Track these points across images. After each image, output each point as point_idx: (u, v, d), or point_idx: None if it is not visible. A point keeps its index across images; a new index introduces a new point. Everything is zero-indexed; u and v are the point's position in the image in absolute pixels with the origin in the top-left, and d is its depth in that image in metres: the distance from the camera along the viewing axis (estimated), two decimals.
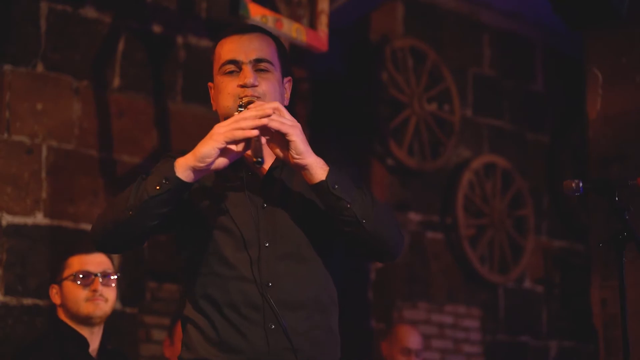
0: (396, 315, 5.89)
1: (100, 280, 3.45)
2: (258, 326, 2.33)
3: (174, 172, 2.25)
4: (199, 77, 5.15)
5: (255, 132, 2.25)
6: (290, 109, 5.89)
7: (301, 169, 2.33)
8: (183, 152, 2.40)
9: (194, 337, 2.38)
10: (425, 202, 6.21)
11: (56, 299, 3.51)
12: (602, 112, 4.46)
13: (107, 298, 3.47)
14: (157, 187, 2.24)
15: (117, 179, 4.77)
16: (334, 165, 2.35)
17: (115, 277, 3.53)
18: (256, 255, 2.36)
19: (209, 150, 2.25)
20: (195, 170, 2.26)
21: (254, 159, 2.26)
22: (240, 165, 2.43)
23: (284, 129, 2.28)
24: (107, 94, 4.79)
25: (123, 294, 4.55)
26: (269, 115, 2.26)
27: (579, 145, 6.03)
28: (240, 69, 2.43)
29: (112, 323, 3.79)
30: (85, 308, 3.44)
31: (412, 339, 5.02)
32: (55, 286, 3.52)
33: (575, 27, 4.61)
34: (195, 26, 5.16)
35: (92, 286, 3.44)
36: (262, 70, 2.44)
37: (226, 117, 2.40)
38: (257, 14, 4.38)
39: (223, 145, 2.25)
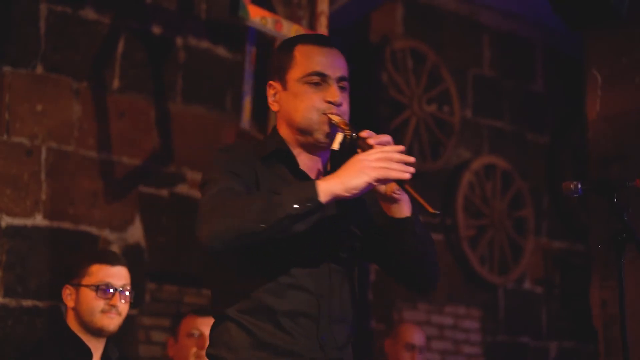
0: (396, 316, 5.89)
1: (120, 295, 3.44)
2: (312, 336, 2.38)
3: (317, 195, 2.24)
4: (199, 78, 5.15)
5: (409, 176, 2.28)
6: None
7: (393, 202, 2.39)
8: (240, 145, 2.51)
9: (239, 339, 2.38)
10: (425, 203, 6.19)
11: (69, 301, 3.47)
12: (601, 113, 4.46)
13: (121, 312, 3.45)
14: (297, 206, 2.23)
15: (117, 180, 4.77)
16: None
17: (132, 291, 3.50)
18: (316, 265, 2.41)
19: (361, 184, 2.26)
20: (337, 197, 2.26)
21: (433, 212, 2.31)
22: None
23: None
24: (107, 95, 4.79)
25: None
26: (411, 162, 2.31)
27: (579, 146, 6.03)
28: (326, 83, 2.44)
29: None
30: (100, 320, 3.41)
31: (416, 335, 5.06)
32: (70, 288, 3.47)
33: (575, 28, 4.61)
34: (195, 27, 5.16)
35: (111, 301, 3.41)
36: (342, 88, 2.48)
37: (301, 128, 2.44)
38: (256, 15, 4.39)
39: (374, 182, 2.27)
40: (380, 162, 2.27)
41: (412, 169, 2.30)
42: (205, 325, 4.15)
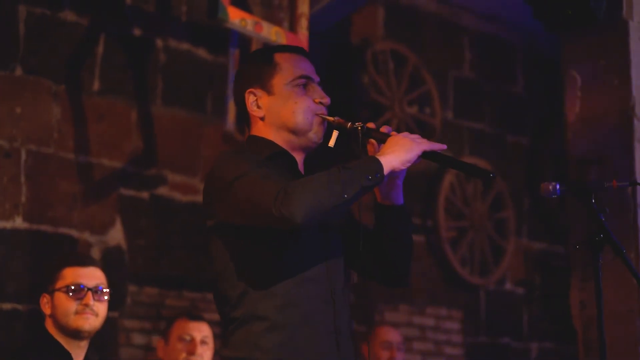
0: (378, 317, 5.89)
1: (93, 294, 3.42)
2: (331, 331, 2.49)
3: (383, 169, 2.41)
4: (179, 80, 5.14)
5: (445, 147, 2.50)
6: None
7: (395, 188, 2.61)
8: (243, 148, 2.56)
9: (272, 338, 2.42)
10: (406, 205, 6.20)
11: (46, 309, 3.45)
12: (580, 115, 4.48)
13: (98, 313, 3.42)
14: (370, 178, 2.39)
15: (97, 182, 4.75)
16: None
17: (108, 291, 3.47)
18: (324, 257, 2.53)
19: (413, 157, 2.45)
20: (394, 170, 2.45)
21: (491, 175, 2.48)
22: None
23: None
24: (86, 98, 4.77)
25: None
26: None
27: (559, 148, 6.06)
28: (311, 86, 2.60)
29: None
30: (75, 321, 3.39)
31: (392, 333, 5.11)
32: (47, 296, 3.45)
33: (555, 30, 4.63)
34: (175, 29, 5.16)
35: (84, 300, 3.38)
36: None
37: (297, 129, 2.56)
38: (236, 17, 4.39)
39: (420, 154, 2.46)
40: (420, 139, 2.48)
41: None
42: (196, 330, 4.15)
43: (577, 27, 4.48)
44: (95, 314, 3.40)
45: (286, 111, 2.56)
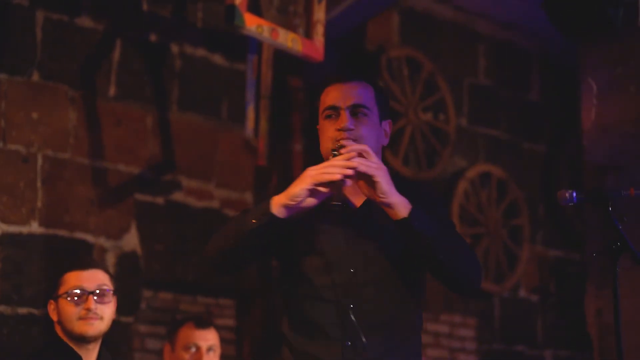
0: None
1: (95, 297, 3.34)
2: (337, 342, 2.58)
3: (270, 209, 2.52)
4: (195, 86, 5.16)
5: (339, 177, 2.51)
6: (286, 119, 5.88)
7: (386, 206, 2.57)
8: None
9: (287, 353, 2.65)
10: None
11: (54, 316, 3.42)
12: (597, 122, 4.47)
13: (102, 316, 3.36)
14: (254, 221, 2.51)
15: (113, 188, 4.77)
16: (417, 206, 2.59)
17: (112, 292, 3.41)
18: (341, 279, 2.61)
19: (299, 191, 2.52)
20: (287, 207, 2.53)
21: (332, 202, 2.56)
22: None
23: (370, 171, 2.53)
24: (103, 103, 4.79)
25: (118, 303, 4.53)
26: (354, 167, 2.52)
27: (575, 155, 6.05)
28: (338, 114, 2.68)
29: (107, 332, 3.76)
30: (79, 327, 3.35)
31: None
32: (53, 302, 3.42)
33: (571, 37, 4.63)
34: (191, 35, 5.18)
35: (85, 304, 3.34)
36: (359, 114, 2.69)
37: (326, 158, 2.67)
38: (252, 23, 4.39)
39: (311, 187, 2.52)
40: (322, 169, 2.52)
41: (348, 171, 2.51)
42: (202, 339, 4.05)
43: (593, 34, 4.47)
44: (99, 318, 3.35)
45: (321, 143, 2.72)
